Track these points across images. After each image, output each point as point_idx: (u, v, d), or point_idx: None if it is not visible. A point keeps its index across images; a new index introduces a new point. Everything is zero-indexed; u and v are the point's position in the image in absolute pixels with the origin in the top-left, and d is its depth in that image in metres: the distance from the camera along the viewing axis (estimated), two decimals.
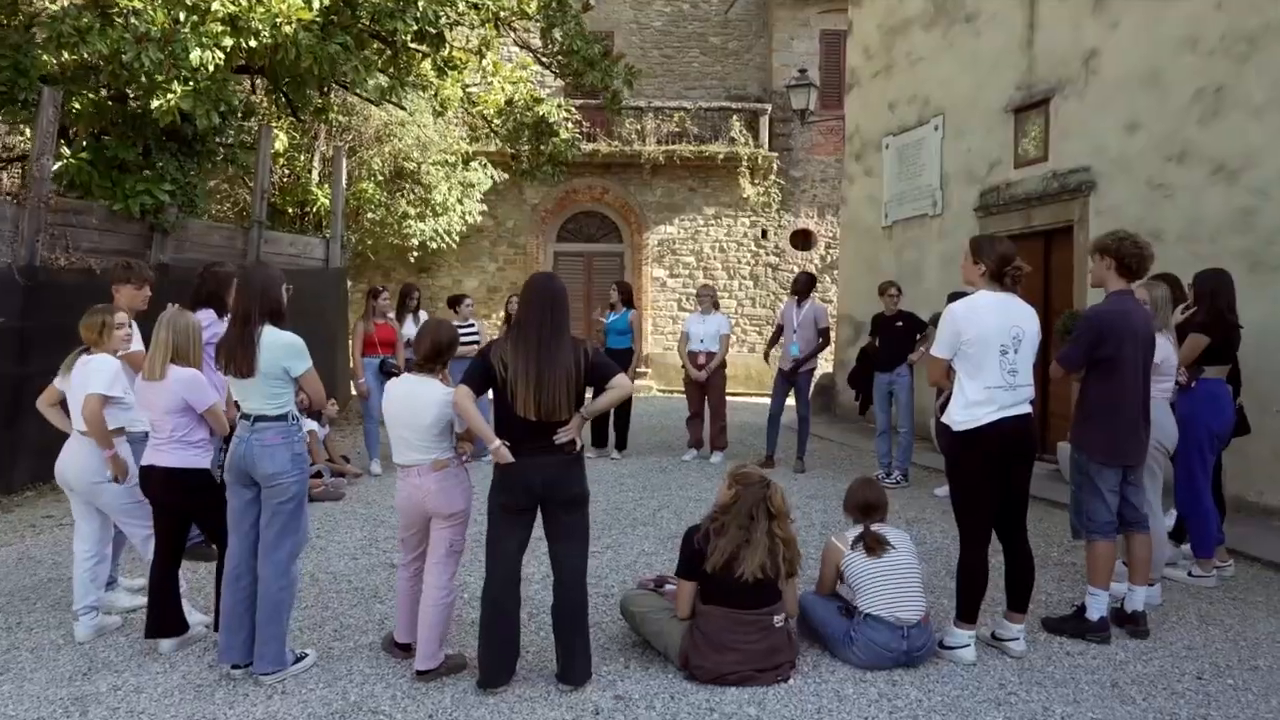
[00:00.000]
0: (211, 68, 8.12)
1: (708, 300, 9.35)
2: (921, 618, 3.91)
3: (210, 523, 4.27)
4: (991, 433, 3.88)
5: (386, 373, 8.48)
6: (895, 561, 3.98)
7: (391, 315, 8.99)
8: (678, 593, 3.96)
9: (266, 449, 3.85)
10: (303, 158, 14.04)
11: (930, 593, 4.87)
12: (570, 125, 14.85)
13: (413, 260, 17.35)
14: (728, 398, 9.61)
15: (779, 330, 9.01)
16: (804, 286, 8.85)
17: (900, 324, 8.24)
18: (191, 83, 8.21)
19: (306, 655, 4.05)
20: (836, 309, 14.11)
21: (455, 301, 9.43)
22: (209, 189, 15.56)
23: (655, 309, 18.57)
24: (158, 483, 4.24)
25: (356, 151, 15.08)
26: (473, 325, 9.30)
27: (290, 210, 14.10)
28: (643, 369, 18.12)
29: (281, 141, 12.97)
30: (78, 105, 8.59)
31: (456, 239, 16.67)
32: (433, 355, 3.94)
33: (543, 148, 13.55)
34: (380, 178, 15.26)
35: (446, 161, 15.99)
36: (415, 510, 3.91)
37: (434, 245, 16.36)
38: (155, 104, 8.13)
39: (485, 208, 17.28)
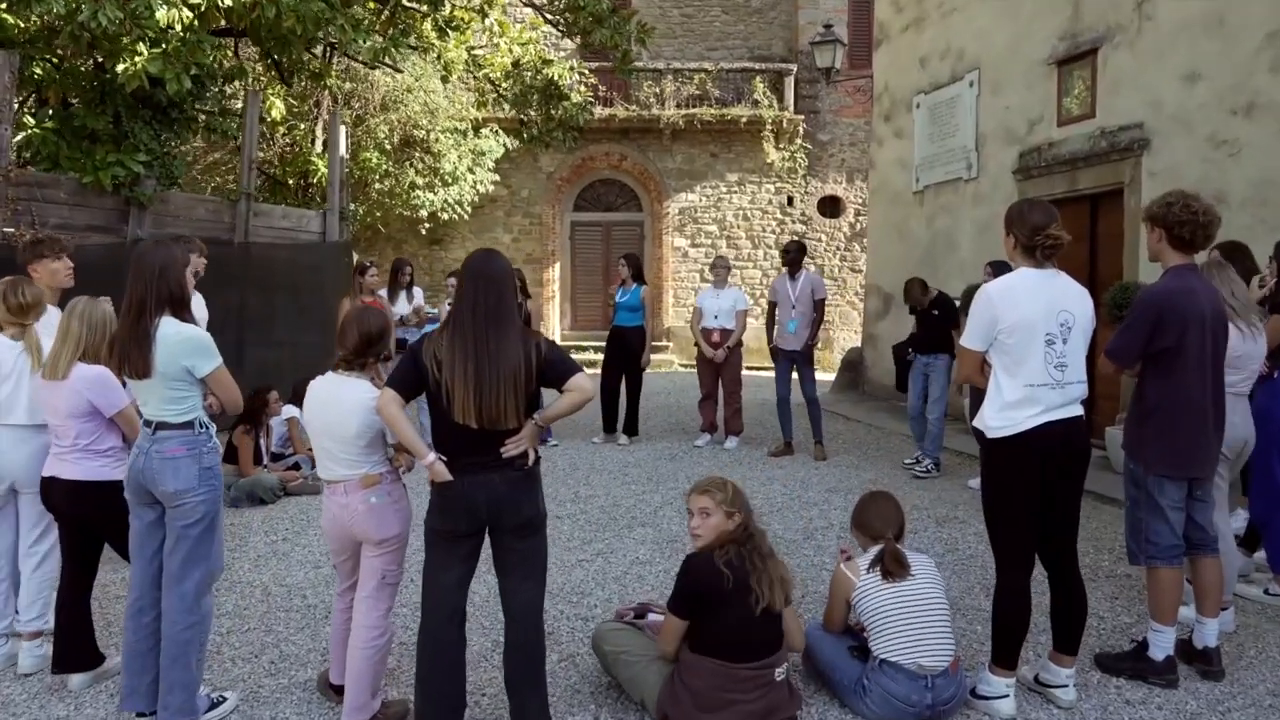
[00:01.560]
0: (179, 26, 7.51)
1: (722, 273, 8.65)
2: (949, 664, 3.24)
3: (123, 544, 3.69)
4: (1034, 440, 3.18)
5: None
6: (917, 594, 3.29)
7: (382, 293, 8.40)
8: (663, 628, 3.31)
9: (169, 462, 3.25)
10: (304, 126, 13.43)
11: (961, 615, 4.22)
12: (583, 89, 14.12)
13: (424, 232, 16.74)
14: (750, 373, 8.93)
15: (773, 308, 8.29)
16: (795, 257, 8.10)
17: (936, 312, 7.52)
18: (162, 45, 7.62)
19: (225, 700, 3.48)
20: (865, 279, 13.33)
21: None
22: (213, 162, 15.09)
23: (676, 280, 17.85)
24: (61, 496, 3.67)
25: (364, 120, 14.47)
26: None
27: (292, 181, 13.52)
28: (664, 342, 17.47)
29: (278, 109, 12.35)
30: (39, 71, 8.02)
31: (468, 210, 16.04)
32: (360, 349, 3.31)
33: (553, 112, 12.84)
34: (387, 146, 14.65)
35: (456, 129, 15.33)
36: (342, 534, 3.30)
37: (445, 216, 15.75)
38: (120, 68, 7.54)
39: (498, 177, 16.62)
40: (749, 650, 3.11)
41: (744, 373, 8.86)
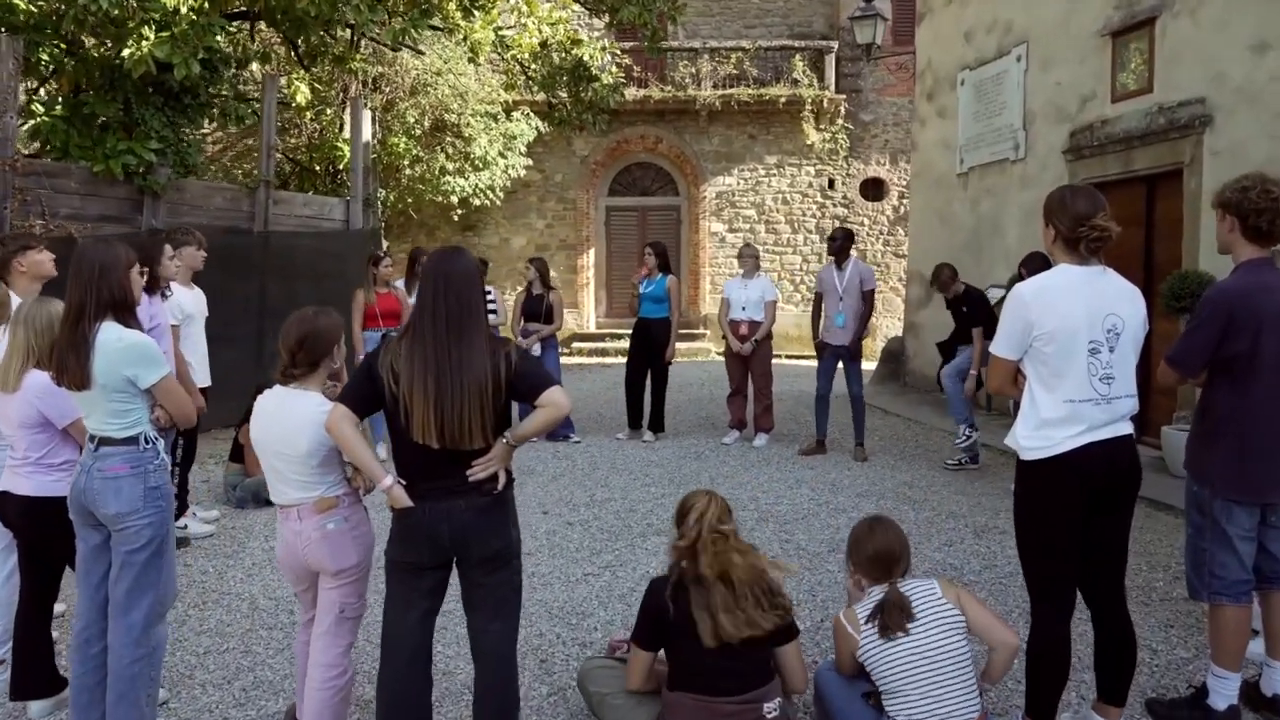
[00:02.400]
0: (185, 9, 7.27)
1: (750, 262, 8.23)
2: None
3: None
4: (1075, 463, 2.77)
5: None
6: (932, 647, 2.80)
7: (399, 284, 8.13)
8: (630, 663, 2.97)
9: (110, 482, 2.97)
10: (330, 111, 13.21)
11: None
12: (614, 69, 13.70)
13: (456, 218, 16.49)
14: (787, 362, 8.51)
15: (819, 299, 7.85)
16: (842, 245, 7.65)
17: (965, 309, 7.08)
18: (170, 28, 7.39)
19: None
20: (906, 265, 12.81)
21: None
22: (246, 148, 14.95)
23: (713, 266, 17.42)
24: (15, 513, 3.42)
25: (394, 105, 14.22)
26: (490, 294, 8.36)
27: (319, 168, 13.33)
28: (700, 330, 17.07)
29: (303, 94, 12.14)
30: (46, 56, 7.83)
31: (500, 195, 15.75)
32: (308, 356, 2.98)
33: (582, 95, 12.47)
34: (417, 131, 14.39)
35: (487, 113, 15.02)
36: (297, 563, 2.99)
37: (477, 202, 15.48)
38: (126, 52, 7.33)
39: (530, 161, 16.29)
40: (728, 682, 2.75)
41: (780, 363, 8.48)
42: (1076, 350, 2.77)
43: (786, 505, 6.06)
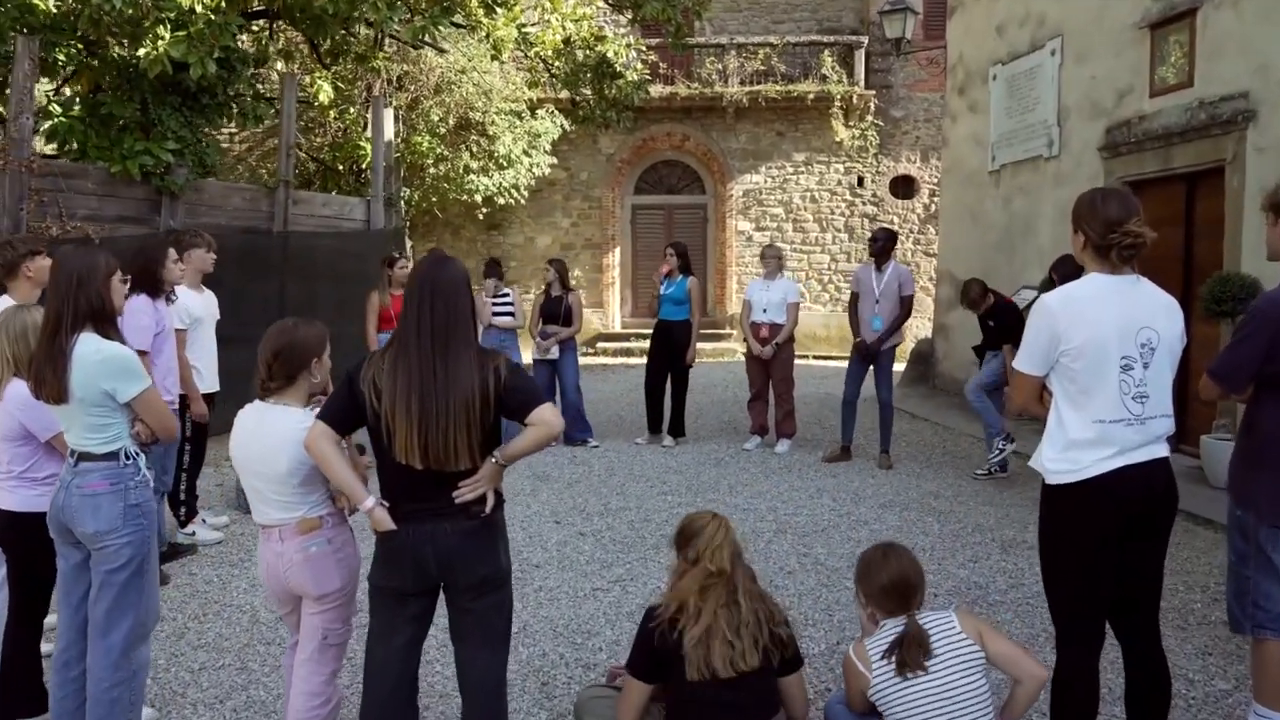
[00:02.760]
0: (200, 8, 7.20)
1: (773, 262, 8.03)
2: None
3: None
4: (1106, 489, 2.57)
5: None
6: (949, 687, 2.58)
7: None
8: (623, 694, 2.80)
9: (89, 499, 2.86)
10: (353, 110, 13.16)
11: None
12: (639, 66, 13.54)
13: (481, 217, 16.41)
14: (814, 363, 8.31)
15: (854, 299, 7.63)
16: (884, 246, 7.43)
17: (992, 323, 6.87)
18: (186, 28, 7.33)
19: None
20: (936, 265, 12.54)
21: (491, 268, 8.38)
22: (271, 149, 14.95)
23: (740, 265, 17.20)
24: (0, 527, 3.32)
25: (419, 103, 14.15)
26: (508, 295, 8.24)
27: (342, 167, 13.30)
28: (725, 330, 16.87)
29: (325, 93, 12.08)
30: (62, 57, 7.80)
31: (525, 193, 15.64)
32: (284, 368, 2.84)
33: (606, 92, 12.32)
34: (442, 129, 14.31)
35: (512, 111, 14.91)
36: (279, 586, 2.85)
37: (502, 201, 15.38)
38: (141, 52, 7.27)
39: (555, 160, 16.16)
40: (729, 715, 2.59)
41: (807, 364, 8.27)
42: (1107, 366, 2.56)
43: (806, 516, 5.86)
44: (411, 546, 2.58)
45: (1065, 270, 5.99)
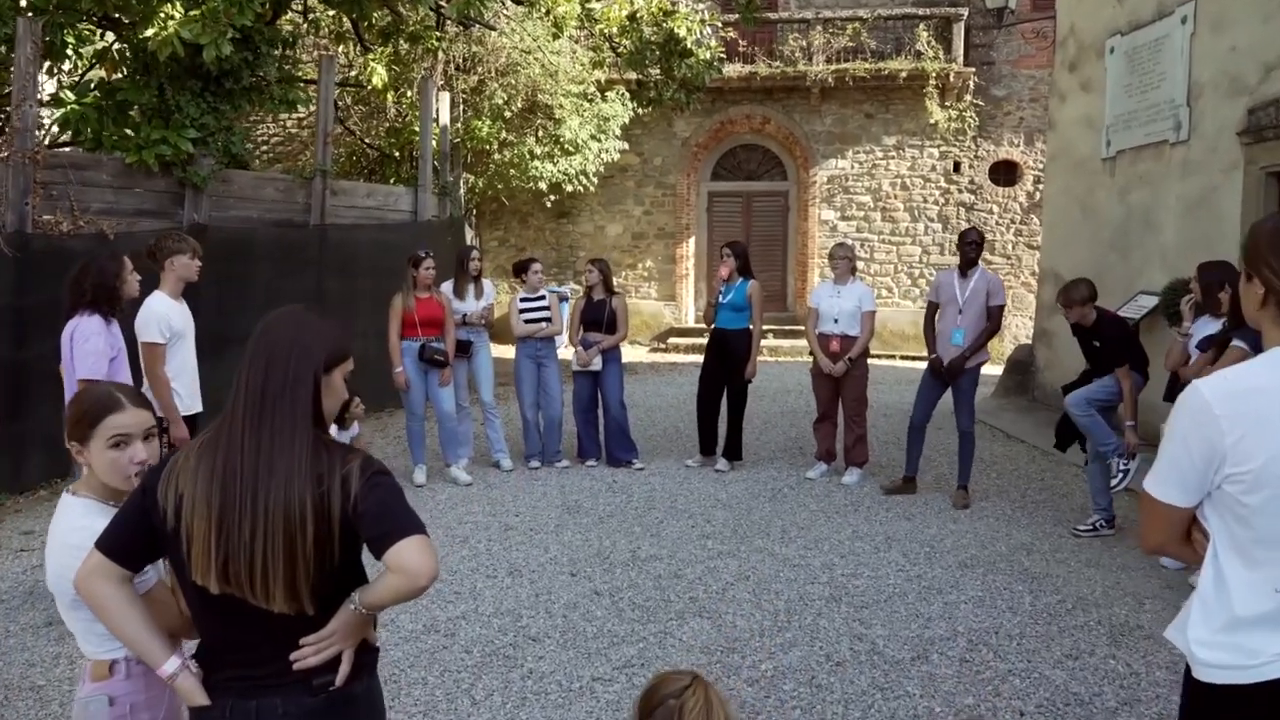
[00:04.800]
0: None
1: (844, 264, 7.03)
2: None
3: None
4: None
5: (429, 360, 6.81)
6: None
7: (446, 287, 7.28)
8: None
9: None
10: (410, 94, 12.52)
11: None
12: (713, 44, 12.54)
13: (549, 205, 15.67)
14: (896, 363, 7.28)
15: (933, 310, 6.59)
16: (973, 249, 6.36)
17: (1097, 344, 5.67)
18: (198, 6, 6.72)
19: None
20: (1039, 263, 11.26)
21: (521, 268, 7.56)
22: (335, 138, 14.46)
23: (822, 257, 16.01)
24: None
25: (484, 86, 13.44)
26: (543, 298, 7.44)
27: (398, 154, 12.69)
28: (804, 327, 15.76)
29: (380, 76, 11.47)
30: (72, 40, 7.27)
31: (594, 180, 14.82)
32: (75, 427, 2.04)
33: (675, 71, 11.39)
34: (508, 113, 13.58)
35: (583, 94, 14.09)
36: None
37: (570, 188, 14.60)
38: (149, 32, 6.69)
39: (627, 145, 15.29)
40: None
41: (893, 365, 7.28)
42: None
43: (868, 579, 4.90)
44: None
45: (1216, 278, 4.84)
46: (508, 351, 9.10)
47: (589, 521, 5.95)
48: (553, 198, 15.12)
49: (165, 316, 4.89)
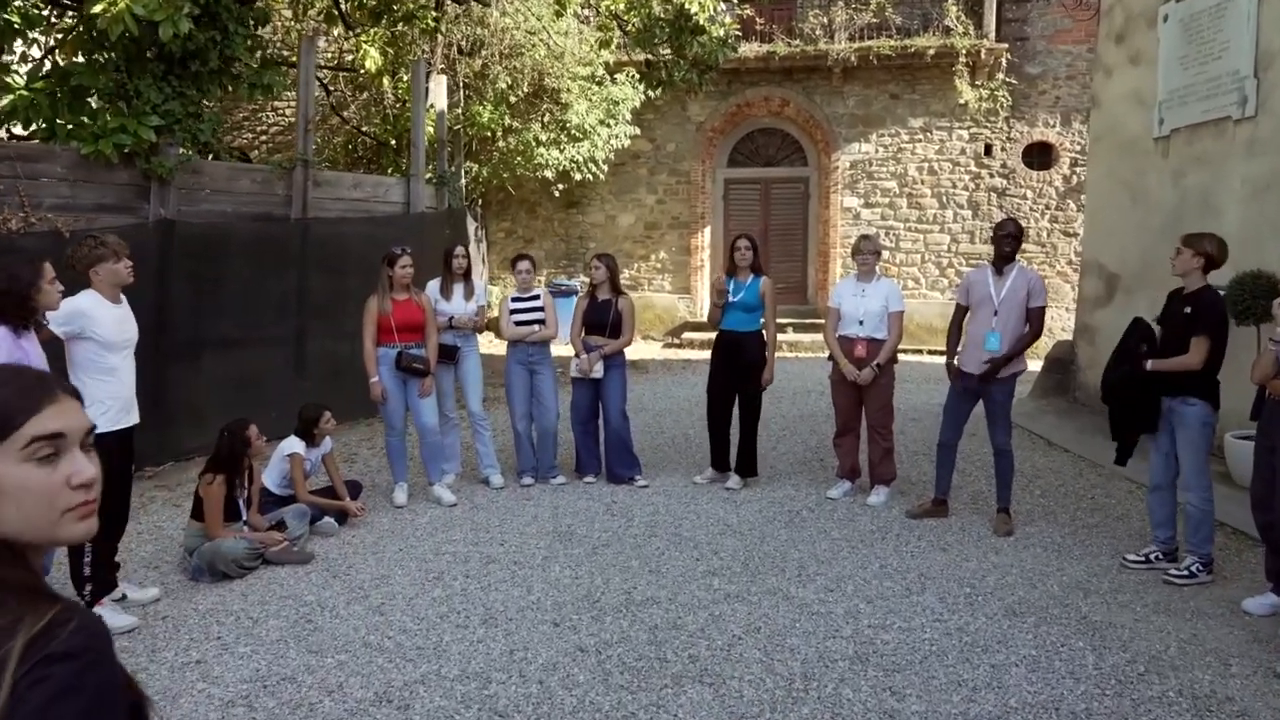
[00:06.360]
0: None
1: (870, 258, 6.31)
2: None
3: None
4: None
5: (407, 369, 6.17)
6: None
7: (433, 286, 6.65)
8: None
9: None
10: (407, 79, 11.87)
11: None
12: (727, 21, 11.78)
13: (557, 194, 14.99)
14: (924, 359, 6.56)
15: (960, 314, 5.84)
16: (1011, 243, 5.60)
17: (1189, 309, 4.85)
18: None
19: None
20: (1081, 252, 10.46)
21: (514, 264, 6.89)
22: (330, 127, 13.84)
23: (845, 247, 15.22)
24: None
25: (488, 70, 12.77)
26: (537, 297, 6.76)
27: (394, 142, 12.05)
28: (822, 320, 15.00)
29: (374, 60, 10.82)
30: (17, 19, 6.64)
31: (604, 168, 14.12)
32: None
33: (686, 50, 10.66)
34: (513, 98, 12.91)
35: (590, 76, 13.38)
36: None
37: (579, 176, 13.91)
38: (98, 8, 6.05)
39: (638, 130, 14.57)
40: None
41: (921, 359, 6.57)
42: None
43: (899, 632, 4.18)
44: None
45: None
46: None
47: (581, 553, 5.27)
48: (561, 187, 14.46)
49: (79, 315, 4.31)
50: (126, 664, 3.23)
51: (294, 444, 5.85)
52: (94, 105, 6.99)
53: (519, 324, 6.65)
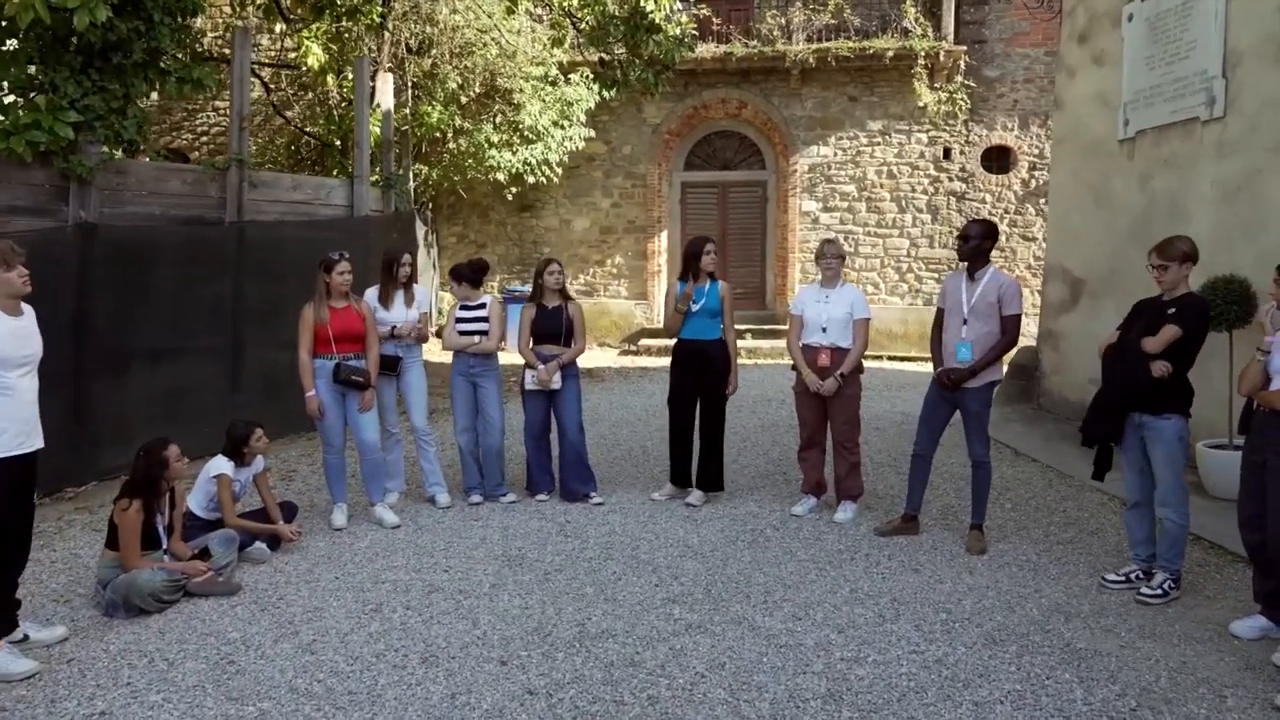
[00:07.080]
0: None
1: (835, 263, 6.02)
2: None
3: None
4: None
5: (346, 382, 5.76)
6: None
7: (371, 294, 6.26)
8: None
9: None
10: (352, 77, 11.42)
11: None
12: (684, 20, 11.51)
13: (510, 198, 14.60)
14: (884, 364, 6.31)
15: (940, 317, 5.57)
16: (977, 245, 5.34)
17: (1173, 311, 4.59)
18: None
19: None
20: (1045, 256, 10.32)
21: (464, 272, 6.50)
22: (276, 127, 13.33)
23: (804, 251, 15.05)
24: None
25: (437, 69, 12.36)
26: (483, 306, 6.40)
27: (339, 143, 11.60)
28: (786, 327, 14.79)
29: (316, 56, 10.37)
30: None
31: (558, 171, 13.77)
32: None
33: (641, 49, 10.35)
34: (464, 98, 12.53)
35: (544, 76, 13.03)
36: None
37: (532, 179, 13.54)
38: None
39: (593, 132, 14.24)
40: None
41: (882, 365, 6.30)
42: None
43: (873, 666, 3.88)
44: None
45: None
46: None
47: (532, 580, 4.91)
48: (514, 190, 14.07)
49: None
50: (21, 716, 2.81)
51: (221, 464, 5.41)
52: (3, 100, 6.49)
53: (463, 333, 6.28)
